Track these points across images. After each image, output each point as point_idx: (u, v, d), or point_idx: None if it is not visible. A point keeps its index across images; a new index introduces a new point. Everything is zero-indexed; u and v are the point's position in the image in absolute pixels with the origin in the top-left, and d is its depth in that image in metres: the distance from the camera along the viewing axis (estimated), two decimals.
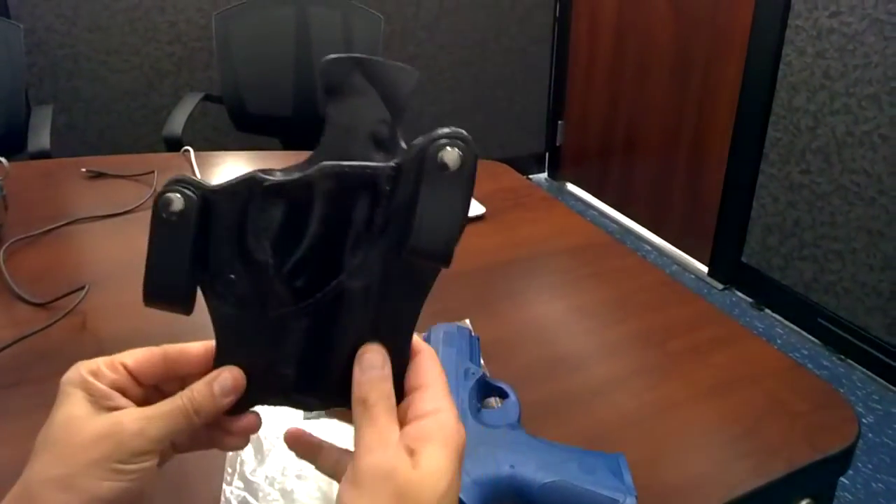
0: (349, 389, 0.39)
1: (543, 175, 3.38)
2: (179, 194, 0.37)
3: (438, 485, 0.35)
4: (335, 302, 0.39)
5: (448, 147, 0.36)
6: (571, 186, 3.26)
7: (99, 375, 0.38)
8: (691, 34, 2.47)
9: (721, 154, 2.40)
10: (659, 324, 0.82)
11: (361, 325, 0.39)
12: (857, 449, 0.66)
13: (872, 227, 1.97)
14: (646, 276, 0.94)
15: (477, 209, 1.08)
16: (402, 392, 0.39)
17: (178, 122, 1.89)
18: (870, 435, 1.83)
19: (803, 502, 0.63)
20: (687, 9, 2.47)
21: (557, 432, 0.60)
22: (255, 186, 0.38)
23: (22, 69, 1.88)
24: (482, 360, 0.71)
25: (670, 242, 2.74)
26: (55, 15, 2.28)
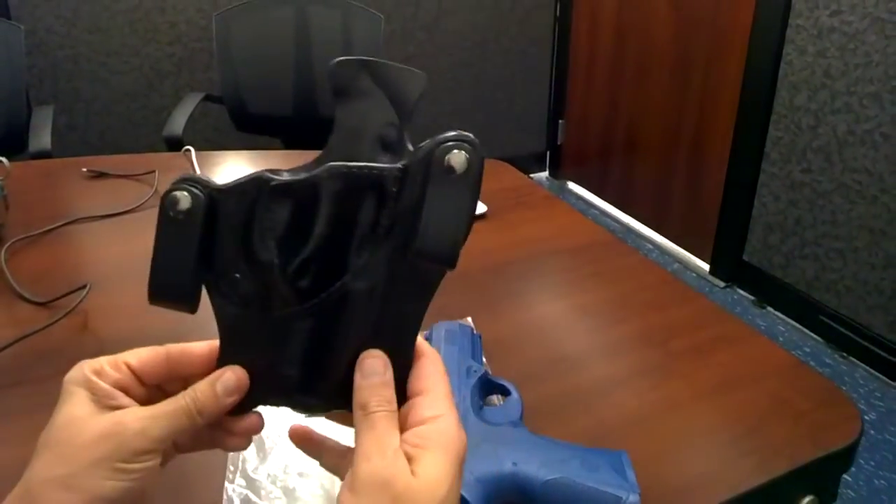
0: (351, 391, 0.39)
1: (544, 174, 3.38)
2: (187, 193, 0.37)
3: (437, 492, 0.35)
4: (339, 303, 0.38)
5: (455, 150, 0.36)
6: (572, 185, 3.26)
7: (102, 375, 0.38)
8: (692, 34, 2.47)
9: (722, 153, 2.40)
10: (661, 322, 0.82)
11: (365, 326, 0.39)
12: (860, 446, 0.66)
13: (874, 226, 1.97)
14: (647, 275, 0.94)
15: (478, 208, 1.08)
16: (405, 395, 0.39)
17: (178, 122, 1.88)
18: (872, 432, 1.83)
19: (806, 499, 0.63)
20: (687, 8, 2.47)
21: (559, 432, 0.60)
22: (262, 186, 0.38)
23: (22, 70, 1.88)
24: (484, 358, 0.71)
25: (672, 241, 2.74)
26: (55, 16, 2.28)
